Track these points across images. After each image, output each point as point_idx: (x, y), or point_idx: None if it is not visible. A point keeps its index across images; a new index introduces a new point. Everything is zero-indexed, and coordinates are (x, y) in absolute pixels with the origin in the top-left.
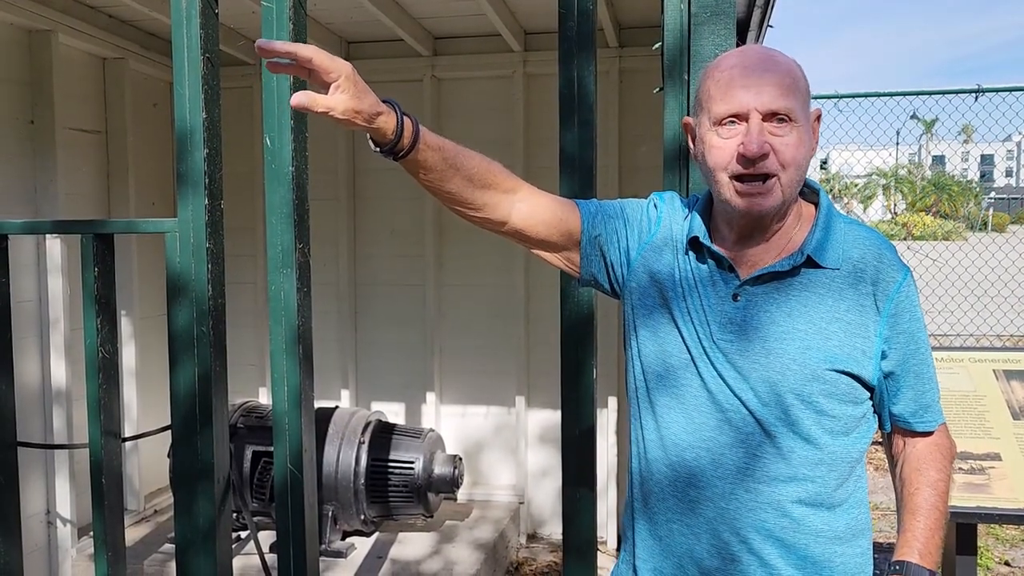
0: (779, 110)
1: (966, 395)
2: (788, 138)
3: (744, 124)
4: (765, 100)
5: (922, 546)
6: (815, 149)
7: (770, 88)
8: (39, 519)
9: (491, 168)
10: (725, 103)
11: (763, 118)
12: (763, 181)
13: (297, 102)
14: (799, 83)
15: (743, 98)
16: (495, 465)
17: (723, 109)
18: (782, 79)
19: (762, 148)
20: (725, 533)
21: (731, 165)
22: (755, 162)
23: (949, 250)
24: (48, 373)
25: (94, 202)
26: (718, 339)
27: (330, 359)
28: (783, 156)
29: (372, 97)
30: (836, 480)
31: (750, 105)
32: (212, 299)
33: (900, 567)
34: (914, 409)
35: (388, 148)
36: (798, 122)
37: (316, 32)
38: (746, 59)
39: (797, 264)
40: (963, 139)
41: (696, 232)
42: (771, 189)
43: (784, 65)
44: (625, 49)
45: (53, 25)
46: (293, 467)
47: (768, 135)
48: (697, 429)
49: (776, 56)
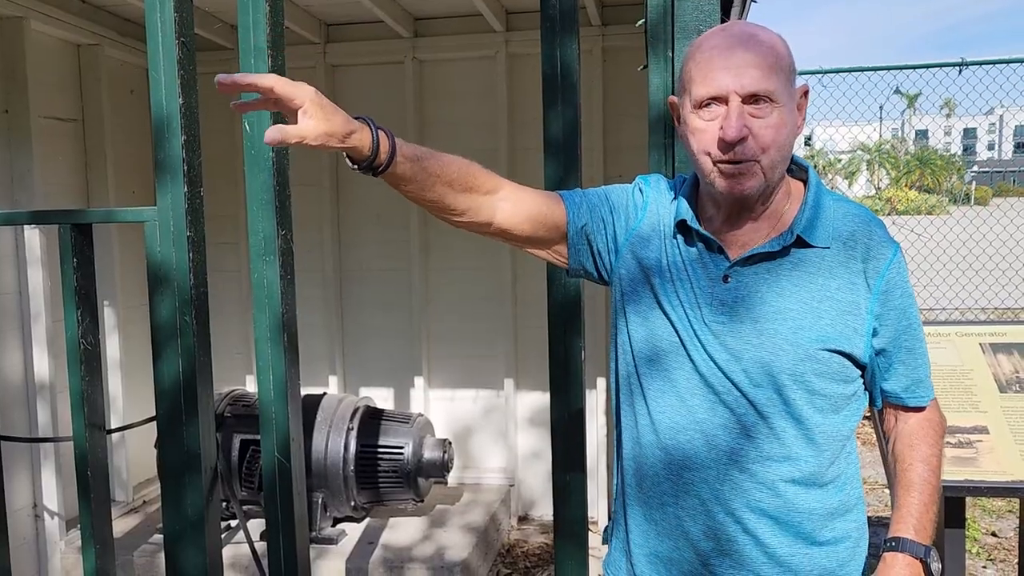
0: (759, 92)
1: (953, 369)
2: (768, 119)
3: (725, 107)
4: (744, 83)
5: (917, 521)
6: (802, 126)
7: (750, 70)
8: (26, 512)
9: (470, 170)
10: (705, 85)
11: (743, 100)
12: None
13: (270, 138)
14: (782, 61)
15: (722, 80)
16: (485, 448)
17: (703, 92)
18: (763, 59)
19: (740, 132)
20: (720, 514)
21: (713, 149)
22: (734, 146)
23: (934, 224)
24: (31, 366)
25: (72, 192)
26: (709, 321)
27: (317, 345)
28: (763, 139)
29: (342, 116)
30: (828, 458)
31: (729, 88)
32: (194, 288)
33: (896, 543)
34: (906, 385)
35: (366, 165)
36: (779, 103)
37: (295, 15)
38: (727, 39)
39: (787, 244)
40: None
41: (683, 215)
42: (752, 171)
43: (766, 44)
44: (608, 27)
45: (25, 11)
46: (281, 455)
47: (748, 117)
48: (690, 412)
49: (759, 34)
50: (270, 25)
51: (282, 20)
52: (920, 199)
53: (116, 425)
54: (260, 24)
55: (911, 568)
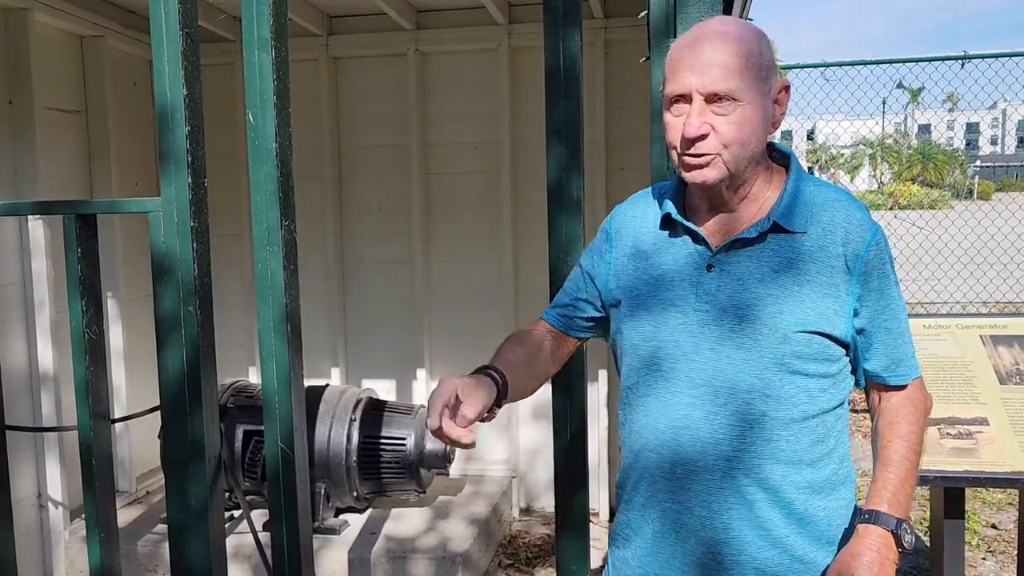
0: (720, 92)
1: (954, 361)
2: (731, 117)
3: (688, 105)
4: (706, 82)
5: (891, 496)
6: (778, 122)
7: (714, 69)
8: (31, 502)
9: (531, 354)
10: (673, 83)
11: (706, 99)
12: None
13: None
14: (750, 60)
15: (686, 79)
16: (488, 440)
17: (671, 89)
18: (729, 59)
19: (699, 130)
20: (715, 503)
21: (678, 144)
22: (694, 142)
23: (936, 218)
24: (35, 356)
25: (76, 183)
26: (695, 310)
27: (320, 337)
28: (725, 135)
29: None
30: (815, 437)
31: (692, 87)
32: (198, 278)
33: (870, 515)
34: (886, 364)
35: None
36: (742, 101)
37: (298, 7)
38: (696, 38)
39: (764, 230)
40: (948, 107)
41: (667, 209)
42: (713, 163)
43: (735, 43)
44: (611, 20)
45: (29, 3)
46: (284, 445)
47: (711, 115)
48: (675, 407)
49: (730, 32)
50: (273, 16)
51: (286, 11)
52: (922, 193)
53: (120, 416)
54: (264, 15)
55: (883, 540)
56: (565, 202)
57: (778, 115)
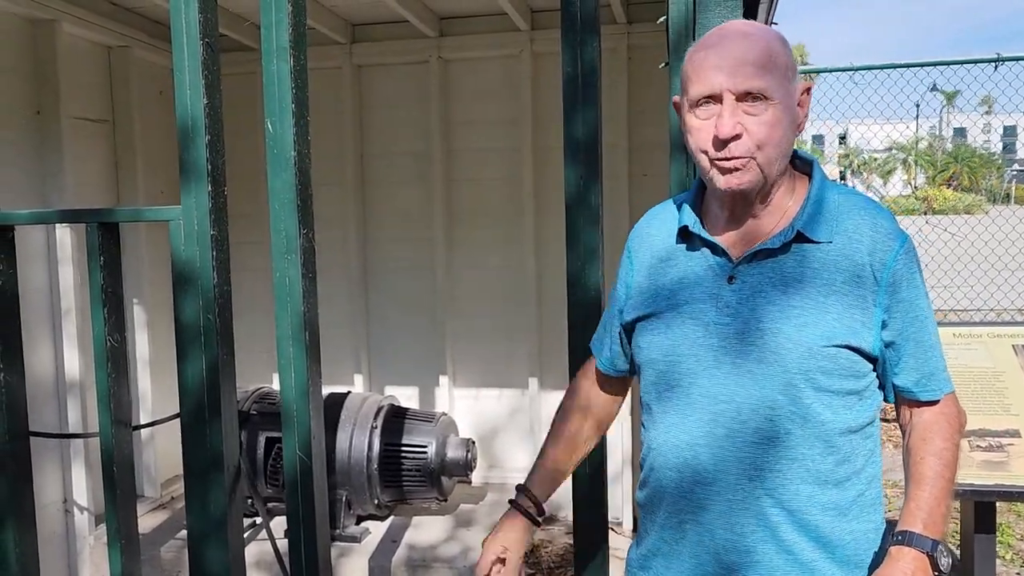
0: (752, 89)
1: (984, 371)
2: (763, 117)
3: (719, 105)
4: (737, 81)
5: (926, 516)
6: (803, 124)
7: (744, 68)
8: (56, 507)
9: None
10: (700, 84)
11: (737, 98)
12: None
13: None
14: (777, 59)
15: (715, 79)
16: (510, 448)
17: (697, 90)
18: (757, 57)
19: (734, 130)
20: (738, 525)
21: (709, 147)
22: (728, 144)
23: (968, 223)
24: (61, 363)
25: (103, 191)
26: (716, 324)
27: (343, 344)
28: (757, 136)
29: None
30: (841, 456)
31: (723, 86)
32: (218, 286)
33: (903, 536)
34: (917, 379)
35: None
36: (773, 99)
37: (321, 15)
38: (721, 38)
39: (788, 240)
40: (984, 110)
41: (685, 221)
42: (748, 167)
43: (761, 42)
44: (634, 25)
45: (56, 14)
46: (303, 453)
47: (742, 115)
48: (695, 424)
49: (753, 32)
50: (292, 24)
51: (304, 19)
52: (955, 198)
53: (145, 422)
54: (282, 23)
55: (917, 562)
56: (584, 211)
57: (801, 117)
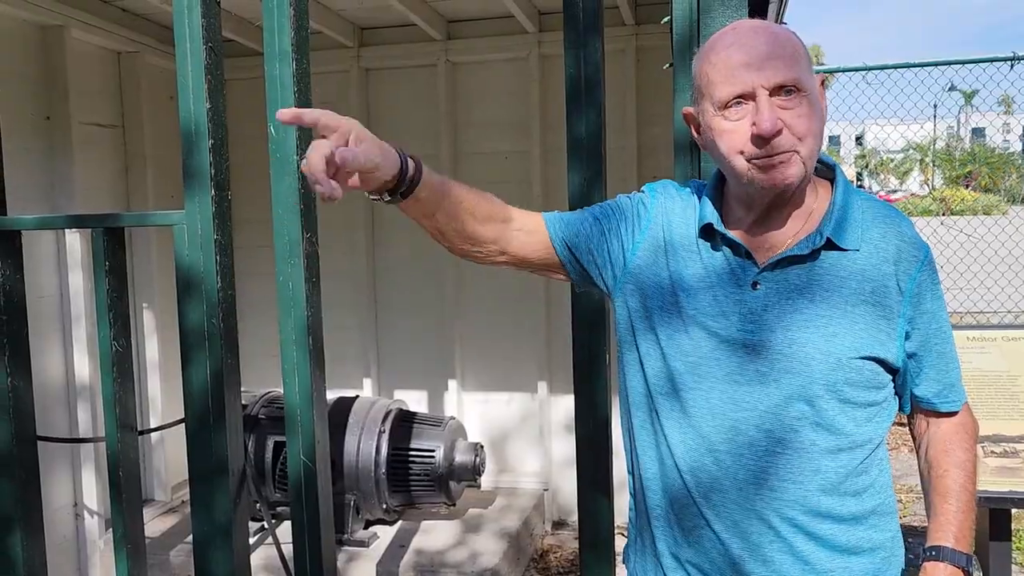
0: (785, 82)
1: (999, 375)
2: (799, 109)
3: (751, 103)
4: (769, 75)
5: (956, 530)
6: (825, 118)
7: (773, 61)
8: (67, 511)
9: (488, 197)
10: (728, 85)
11: (771, 93)
12: None
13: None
14: (800, 51)
15: (745, 77)
16: (519, 452)
17: (727, 91)
18: (783, 50)
19: (775, 125)
20: (754, 535)
21: (747, 148)
22: (770, 141)
23: (984, 224)
24: (71, 367)
25: (112, 196)
26: (739, 331)
27: (352, 348)
28: (797, 129)
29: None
30: (859, 467)
31: (755, 83)
32: (222, 291)
33: (936, 552)
34: (938, 390)
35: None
36: (806, 91)
37: (328, 19)
38: (740, 36)
39: (816, 247)
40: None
41: (709, 219)
42: (792, 160)
43: (782, 35)
44: (641, 26)
45: (66, 20)
46: (307, 458)
47: (778, 110)
48: (716, 431)
49: (770, 28)
50: (294, 28)
51: (307, 23)
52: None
53: (154, 426)
54: (284, 28)
55: None
56: None
57: (823, 112)
